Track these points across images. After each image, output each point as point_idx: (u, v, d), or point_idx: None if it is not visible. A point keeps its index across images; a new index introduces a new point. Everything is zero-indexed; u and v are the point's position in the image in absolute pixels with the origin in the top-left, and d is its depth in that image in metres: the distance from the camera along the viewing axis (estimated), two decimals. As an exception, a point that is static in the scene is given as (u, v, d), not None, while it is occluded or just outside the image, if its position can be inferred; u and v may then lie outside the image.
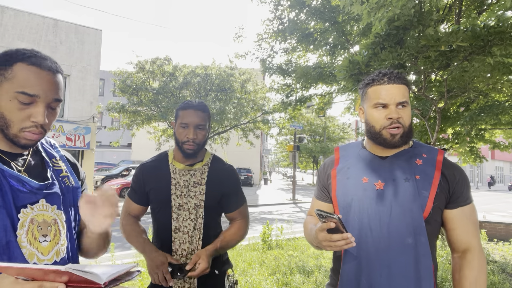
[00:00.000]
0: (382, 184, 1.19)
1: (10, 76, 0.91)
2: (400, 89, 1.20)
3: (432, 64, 4.02)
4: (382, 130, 1.21)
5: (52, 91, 0.95)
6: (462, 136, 6.58)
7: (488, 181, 38.06)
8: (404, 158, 1.23)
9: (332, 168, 1.35)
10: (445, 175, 1.19)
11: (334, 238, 1.04)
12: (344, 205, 1.24)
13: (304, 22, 6.60)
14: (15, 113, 0.91)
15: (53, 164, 1.07)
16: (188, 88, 13.79)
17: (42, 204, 0.97)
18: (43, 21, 11.42)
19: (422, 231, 1.12)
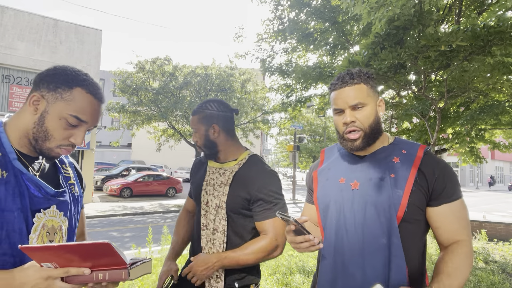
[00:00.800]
0: (357, 184, 1.17)
1: (68, 98, 0.97)
2: (353, 90, 1.16)
3: (432, 64, 4.02)
4: (344, 135, 1.19)
5: (97, 119, 1.03)
6: (462, 136, 6.58)
7: (489, 181, 38.08)
8: (381, 156, 1.19)
9: (315, 170, 1.34)
10: (423, 172, 1.13)
11: (297, 240, 1.03)
12: (323, 207, 1.22)
13: (304, 22, 6.60)
14: (59, 131, 0.97)
15: (64, 170, 1.12)
16: (188, 88, 13.79)
17: (53, 210, 1.00)
18: (43, 21, 11.42)
19: (395, 232, 1.08)
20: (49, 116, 0.96)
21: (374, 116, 1.18)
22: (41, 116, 0.97)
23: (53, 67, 1.01)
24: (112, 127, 14.46)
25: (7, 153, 0.95)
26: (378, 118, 1.21)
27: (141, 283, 3.90)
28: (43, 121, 0.96)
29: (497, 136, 8.00)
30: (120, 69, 13.81)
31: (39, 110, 0.97)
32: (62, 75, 0.98)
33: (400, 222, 1.10)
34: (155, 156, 29.12)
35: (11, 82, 10.76)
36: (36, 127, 0.97)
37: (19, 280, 0.82)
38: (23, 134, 0.99)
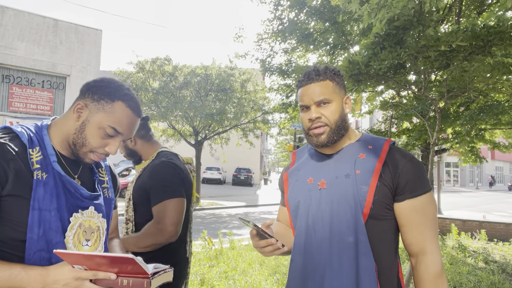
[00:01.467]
0: (324, 183, 1.16)
1: (109, 110, 1.04)
2: (319, 86, 1.16)
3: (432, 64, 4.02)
4: (308, 131, 1.19)
5: (132, 132, 1.11)
6: (462, 136, 6.58)
7: (490, 181, 38.12)
8: (348, 153, 1.19)
9: (285, 172, 1.34)
10: (388, 166, 1.11)
11: (261, 244, 1.04)
12: (293, 208, 1.22)
13: (304, 22, 6.60)
14: (97, 139, 1.05)
15: (99, 174, 1.20)
16: (188, 88, 13.79)
17: (91, 211, 1.08)
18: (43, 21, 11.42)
19: (362, 229, 1.06)
20: (90, 125, 1.04)
21: (339, 112, 1.18)
22: (82, 124, 1.05)
23: (100, 79, 1.09)
24: (112, 127, 14.44)
25: (48, 155, 1.02)
26: (344, 114, 1.21)
27: (141, 283, 3.90)
28: (83, 128, 1.05)
29: (497, 136, 8.00)
30: (120, 69, 13.81)
31: (82, 118, 1.05)
32: (107, 88, 1.06)
33: (367, 219, 1.08)
34: (155, 156, 29.06)
35: (11, 82, 10.76)
36: (77, 133, 1.05)
37: (53, 277, 0.90)
38: (65, 138, 1.07)
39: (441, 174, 34.00)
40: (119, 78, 13.67)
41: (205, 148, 15.61)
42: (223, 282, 4.03)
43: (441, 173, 33.79)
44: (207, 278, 4.19)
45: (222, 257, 5.33)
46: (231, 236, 6.31)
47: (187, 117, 13.52)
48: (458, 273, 4.85)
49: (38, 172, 0.97)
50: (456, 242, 6.91)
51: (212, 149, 16.00)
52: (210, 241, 5.67)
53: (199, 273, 4.27)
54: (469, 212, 13.39)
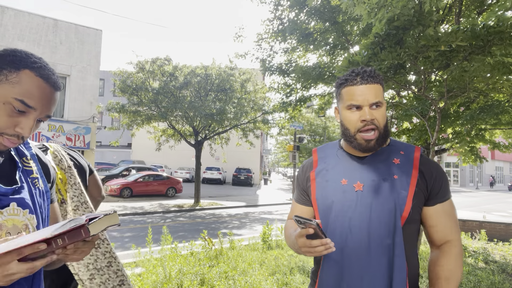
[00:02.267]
0: (361, 185, 1.17)
1: (13, 80, 0.87)
2: (373, 89, 1.16)
3: (432, 64, 4.02)
4: (356, 134, 1.18)
5: (48, 108, 0.92)
6: (462, 136, 6.58)
7: (490, 181, 38.16)
8: (382, 157, 1.21)
9: (311, 171, 1.32)
10: (423, 172, 1.17)
11: (314, 244, 1.02)
12: (324, 208, 1.21)
13: (304, 22, 6.60)
14: (4, 117, 0.87)
15: (24, 164, 1.01)
16: (188, 88, 13.79)
17: (14, 208, 0.91)
18: (43, 21, 11.42)
19: (399, 232, 1.10)
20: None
21: (386, 117, 1.21)
22: None
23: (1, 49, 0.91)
24: (112, 127, 14.45)
25: None
26: (388, 121, 1.26)
27: (141, 283, 3.90)
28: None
29: (497, 136, 8.00)
30: (120, 69, 13.80)
31: None
32: (9, 56, 0.89)
33: (404, 223, 1.12)
34: (155, 156, 29.12)
35: (11, 82, 10.77)
36: None
37: None
38: None
39: (441, 174, 33.92)
40: (119, 78, 13.68)
41: (205, 148, 15.61)
42: (223, 282, 4.03)
43: (441, 173, 33.71)
44: (207, 278, 4.19)
45: (222, 257, 5.33)
46: (231, 236, 6.31)
47: (187, 117, 13.52)
48: (458, 273, 4.84)
49: None
50: (456, 242, 6.90)
51: (212, 149, 16.00)
52: (210, 241, 5.67)
53: (199, 273, 4.27)
54: (469, 212, 13.39)
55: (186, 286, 3.91)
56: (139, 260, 5.14)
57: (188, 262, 4.83)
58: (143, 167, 20.88)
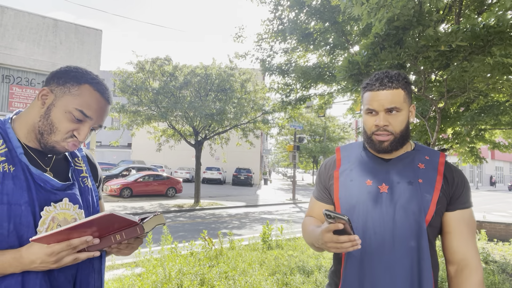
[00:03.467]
0: (386, 187, 1.18)
1: (75, 93, 1.00)
2: (391, 94, 1.16)
3: (432, 64, 4.02)
4: (371, 136, 1.21)
5: (102, 118, 1.05)
6: (462, 136, 6.58)
7: (493, 181, 38.29)
8: (407, 161, 1.22)
9: (335, 170, 1.32)
10: (447, 178, 1.18)
11: (342, 239, 1.02)
12: (347, 208, 1.22)
13: (304, 22, 6.60)
14: (64, 123, 0.99)
15: (75, 164, 1.13)
16: (188, 88, 13.78)
17: (66, 203, 1.02)
18: (43, 21, 11.42)
19: (424, 235, 1.11)
20: (55, 109, 0.99)
21: (406, 121, 1.20)
22: (47, 109, 0.99)
23: (65, 66, 1.04)
24: (112, 127, 14.45)
25: (14, 147, 0.97)
26: (409, 124, 1.23)
27: (141, 283, 3.90)
28: (49, 113, 0.99)
29: (497, 136, 8.00)
30: (120, 69, 13.80)
31: (47, 104, 1.00)
32: (73, 72, 1.02)
33: (427, 226, 1.14)
34: (155, 156, 29.12)
35: (11, 82, 10.76)
36: (42, 120, 0.99)
37: (27, 258, 0.87)
38: (31, 129, 1.01)
39: (441, 174, 33.90)
40: (119, 78, 13.67)
41: (205, 148, 15.61)
42: (223, 282, 4.03)
43: (441, 173, 33.69)
44: (207, 278, 4.19)
45: (222, 257, 5.33)
46: (231, 236, 6.31)
47: (187, 117, 13.51)
48: (458, 273, 4.84)
49: (4, 165, 0.93)
50: (456, 242, 6.90)
51: (212, 149, 16.00)
52: (210, 241, 5.67)
53: (199, 273, 4.26)
54: (469, 212, 13.37)
55: (186, 286, 3.91)
56: (139, 260, 5.14)
57: (188, 262, 4.83)
58: (143, 167, 20.87)
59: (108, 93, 1.07)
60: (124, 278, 4.24)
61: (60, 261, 0.89)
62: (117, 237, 0.94)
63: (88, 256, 0.92)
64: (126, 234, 0.94)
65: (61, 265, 0.90)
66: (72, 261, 0.91)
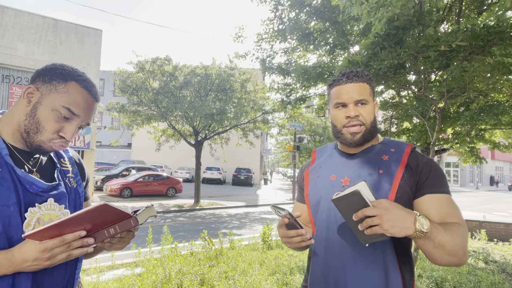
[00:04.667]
0: (348, 180, 1.20)
1: (62, 90, 0.98)
2: (358, 87, 1.21)
3: (432, 64, 4.02)
4: (342, 129, 1.23)
5: (89, 116, 1.04)
6: (462, 136, 6.57)
7: (496, 180, 38.37)
8: (371, 154, 1.24)
9: (306, 169, 1.38)
10: (410, 166, 1.16)
11: (290, 234, 1.05)
12: (314, 203, 1.25)
13: (304, 22, 6.60)
14: (51, 123, 0.97)
15: (61, 165, 1.12)
16: (188, 88, 13.78)
17: (51, 203, 1.00)
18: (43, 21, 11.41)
19: None
20: (42, 107, 0.97)
21: (373, 114, 1.24)
22: (33, 108, 0.97)
23: (51, 63, 1.03)
24: (112, 127, 14.45)
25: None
26: (376, 118, 1.27)
27: (141, 283, 3.90)
28: (35, 112, 0.97)
29: (497, 136, 8.00)
30: (120, 69, 13.80)
31: (32, 102, 0.98)
32: (59, 69, 1.00)
33: None
34: (155, 156, 29.11)
35: (11, 82, 10.76)
36: (28, 118, 0.97)
37: (20, 257, 0.86)
38: (16, 128, 0.99)
39: (441, 174, 33.90)
40: (119, 78, 13.66)
41: (205, 148, 15.60)
42: (223, 282, 4.02)
43: (441, 173, 33.69)
44: (207, 278, 4.19)
45: (222, 257, 5.33)
46: (231, 236, 6.31)
47: (187, 117, 13.51)
48: (458, 273, 4.84)
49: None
50: (456, 242, 6.90)
51: (212, 149, 16.00)
52: (210, 241, 5.67)
53: (199, 273, 4.26)
54: (469, 212, 13.39)
55: (186, 286, 3.90)
56: (139, 260, 5.14)
57: (188, 262, 4.82)
58: (143, 167, 20.87)
59: (95, 90, 1.05)
60: (124, 278, 4.23)
61: (54, 258, 0.87)
62: (111, 230, 0.92)
63: (81, 252, 0.91)
64: (120, 227, 0.92)
65: (54, 262, 0.88)
66: (66, 258, 0.89)
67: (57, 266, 0.98)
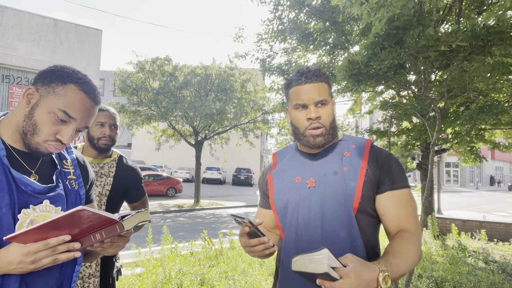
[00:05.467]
0: (313, 181, 1.18)
1: (60, 93, 0.97)
2: (317, 87, 1.18)
3: (432, 64, 4.02)
4: (305, 131, 1.20)
5: (87, 119, 1.02)
6: (461, 136, 6.58)
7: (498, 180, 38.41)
8: (333, 152, 1.22)
9: (269, 173, 1.34)
10: (371, 162, 1.16)
11: (252, 242, 1.03)
12: (280, 208, 1.22)
13: (304, 22, 6.60)
14: (47, 125, 0.96)
15: (63, 166, 1.11)
16: (188, 88, 13.79)
17: (46, 205, 0.99)
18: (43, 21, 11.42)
19: (353, 223, 1.09)
20: (39, 109, 0.97)
21: (333, 114, 1.22)
22: (31, 109, 0.97)
23: (53, 65, 1.03)
24: (112, 127, 14.43)
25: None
26: (335, 117, 1.25)
27: (141, 283, 3.90)
28: (32, 113, 0.97)
29: (497, 136, 8.00)
30: (120, 69, 13.80)
31: (31, 103, 0.98)
32: (59, 71, 1.00)
33: (356, 213, 1.11)
34: (155, 156, 29.10)
35: (11, 82, 10.76)
36: (26, 119, 0.97)
37: (5, 259, 0.85)
38: (15, 129, 0.99)
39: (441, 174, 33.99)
40: (119, 78, 13.67)
41: (205, 148, 15.61)
42: (223, 282, 4.02)
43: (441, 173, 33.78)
44: (207, 278, 4.19)
45: (222, 257, 5.33)
46: (231, 236, 6.31)
47: (187, 117, 13.51)
48: (458, 273, 4.85)
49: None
50: (456, 242, 6.91)
51: (212, 149, 16.00)
52: (210, 241, 5.67)
53: (199, 273, 4.26)
54: (469, 212, 13.39)
55: (186, 286, 3.90)
56: (139, 260, 5.14)
57: (188, 262, 4.82)
58: (143, 167, 20.87)
59: (95, 93, 1.04)
60: (124, 278, 4.23)
61: (38, 262, 0.85)
62: (97, 236, 0.90)
63: (68, 257, 0.88)
64: (106, 233, 0.90)
65: (39, 266, 0.86)
66: (51, 262, 0.87)
67: (51, 268, 0.97)
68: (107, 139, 1.86)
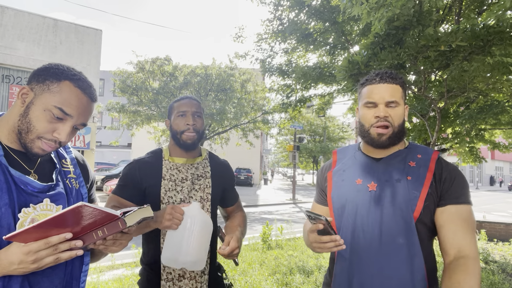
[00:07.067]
0: (375, 186, 1.19)
1: (55, 90, 0.96)
2: (391, 88, 1.20)
3: (432, 64, 4.02)
4: (370, 129, 1.21)
5: (84, 116, 1.01)
6: (461, 136, 6.57)
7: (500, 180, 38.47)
8: (398, 159, 1.22)
9: (329, 171, 1.35)
10: (436, 175, 1.17)
11: (323, 239, 1.04)
12: (338, 207, 1.24)
13: (304, 22, 6.60)
14: (43, 123, 0.95)
15: (62, 165, 1.10)
16: (188, 88, 13.79)
17: (47, 204, 0.98)
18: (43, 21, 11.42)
19: (413, 231, 1.10)
20: (34, 107, 0.95)
21: (403, 117, 1.22)
22: (26, 108, 0.96)
23: (47, 63, 1.02)
24: (112, 127, 14.47)
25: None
26: (404, 122, 1.24)
27: (141, 283, 3.90)
28: (27, 112, 0.96)
29: (497, 136, 7.99)
30: (120, 69, 13.81)
31: (26, 102, 0.97)
32: (53, 69, 0.99)
33: (416, 222, 1.12)
34: (155, 156, 29.03)
35: (11, 82, 10.76)
36: (21, 119, 0.96)
37: (6, 260, 0.83)
38: (11, 129, 0.98)
39: (441, 174, 33.85)
40: (119, 78, 13.67)
41: (205, 148, 15.62)
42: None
43: (441, 173, 33.64)
44: (207, 278, 4.18)
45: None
46: (231, 236, 6.30)
47: (187, 117, 13.52)
48: (458, 273, 4.84)
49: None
50: (456, 242, 6.90)
51: (212, 149, 16.00)
52: (210, 241, 5.65)
53: (199, 273, 4.26)
54: (469, 212, 13.35)
55: (186, 286, 3.90)
56: (139, 260, 5.14)
57: (188, 262, 4.82)
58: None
59: (91, 90, 1.02)
60: (124, 278, 4.23)
61: (40, 261, 0.84)
62: (99, 233, 0.88)
63: (70, 255, 0.87)
64: (108, 230, 0.88)
65: (41, 265, 0.85)
66: (53, 261, 0.85)
67: (56, 268, 0.96)
68: (191, 131, 1.51)
